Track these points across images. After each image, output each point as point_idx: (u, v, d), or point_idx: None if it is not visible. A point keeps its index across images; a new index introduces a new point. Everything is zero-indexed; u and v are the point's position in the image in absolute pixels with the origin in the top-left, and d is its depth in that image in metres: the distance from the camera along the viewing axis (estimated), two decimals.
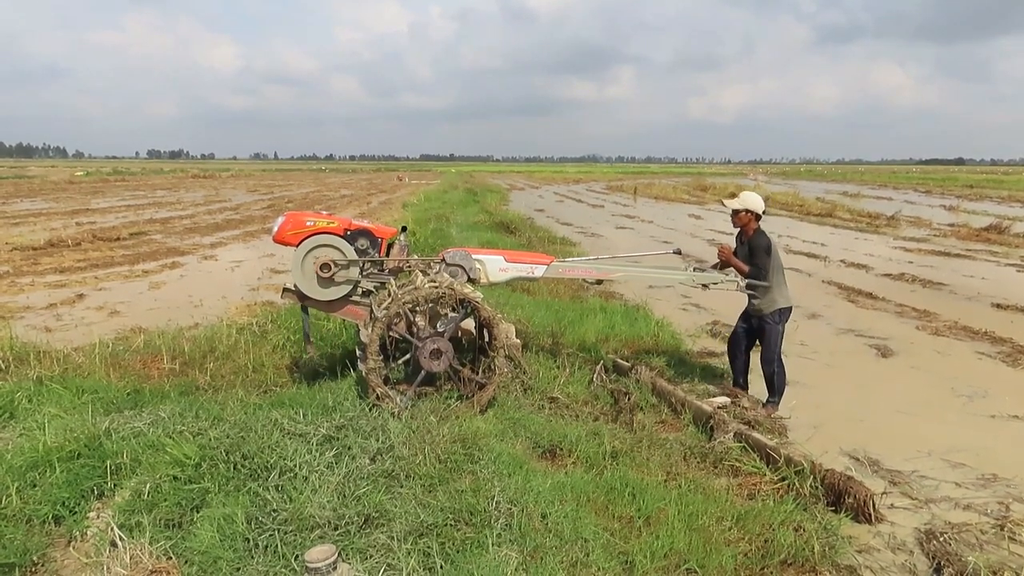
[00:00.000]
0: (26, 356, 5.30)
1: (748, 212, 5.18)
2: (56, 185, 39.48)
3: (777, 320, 5.11)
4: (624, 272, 5.15)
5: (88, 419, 3.76)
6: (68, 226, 16.91)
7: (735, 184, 40.42)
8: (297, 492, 2.99)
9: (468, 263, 4.62)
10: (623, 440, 4.16)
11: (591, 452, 3.92)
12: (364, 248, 4.46)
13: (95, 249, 13.18)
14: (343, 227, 4.45)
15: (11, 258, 11.85)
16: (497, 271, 4.74)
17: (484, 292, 4.75)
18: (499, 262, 4.77)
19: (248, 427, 3.53)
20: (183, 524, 2.91)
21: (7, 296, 8.83)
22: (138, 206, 24.43)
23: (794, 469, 3.75)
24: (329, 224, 4.43)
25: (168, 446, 3.32)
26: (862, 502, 3.48)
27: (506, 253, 4.91)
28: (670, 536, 3.07)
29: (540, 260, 4.83)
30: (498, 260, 4.78)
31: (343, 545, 2.71)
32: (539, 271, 4.77)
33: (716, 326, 7.53)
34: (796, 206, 25.66)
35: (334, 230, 4.41)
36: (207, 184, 44.66)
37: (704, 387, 5.35)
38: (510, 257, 4.85)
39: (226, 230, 17.04)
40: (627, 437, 4.22)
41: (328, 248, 4.37)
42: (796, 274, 11.38)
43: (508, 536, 2.82)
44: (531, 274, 4.78)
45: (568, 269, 4.86)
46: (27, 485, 3.17)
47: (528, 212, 23.39)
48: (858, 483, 3.58)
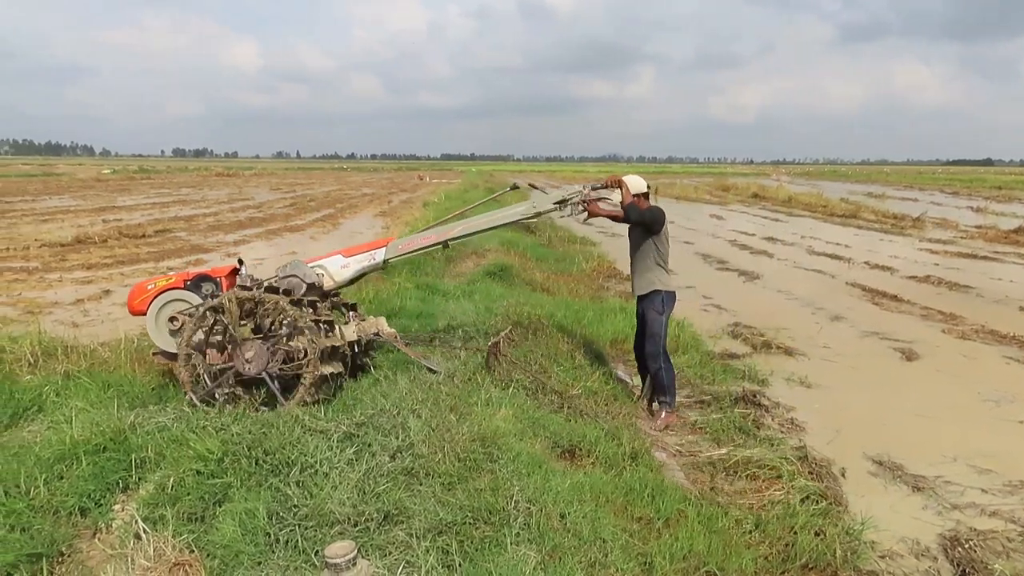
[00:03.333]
0: (54, 351, 5.39)
1: (637, 196, 4.86)
2: (84, 183, 40.13)
3: (660, 309, 4.86)
4: (462, 226, 4.84)
5: (114, 413, 3.81)
6: (95, 223, 17.18)
7: (757, 184, 40.04)
8: (317, 488, 3.02)
9: (302, 271, 4.59)
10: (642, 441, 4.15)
11: (610, 452, 3.91)
12: (209, 292, 4.51)
13: (121, 246, 13.38)
14: (182, 279, 4.56)
15: (40, 254, 12.06)
16: (339, 269, 4.72)
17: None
18: (339, 260, 4.75)
19: (270, 423, 3.56)
20: (205, 518, 2.94)
21: (36, 292, 9.00)
22: (163, 204, 24.76)
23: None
24: (168, 281, 4.56)
25: (191, 441, 3.36)
26: None
27: (344, 251, 4.85)
28: (689, 538, 3.06)
29: (378, 245, 4.79)
30: (337, 259, 4.76)
31: (363, 541, 2.72)
32: (379, 255, 4.71)
33: (738, 327, 7.47)
34: (820, 207, 25.36)
35: (174, 284, 4.52)
36: (231, 182, 45.12)
37: (726, 388, 5.29)
38: (348, 252, 4.80)
39: (249, 228, 17.21)
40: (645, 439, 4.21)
41: (175, 303, 4.45)
42: (819, 275, 11.27)
43: (527, 535, 2.82)
44: (373, 260, 4.70)
45: (408, 243, 4.75)
46: (55, 477, 3.23)
47: None
48: None
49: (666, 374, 4.84)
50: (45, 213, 20.16)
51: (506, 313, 6.46)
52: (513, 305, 6.82)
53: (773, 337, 7.02)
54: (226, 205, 24.75)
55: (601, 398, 4.90)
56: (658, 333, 4.85)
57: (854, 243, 15.33)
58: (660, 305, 4.86)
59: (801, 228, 18.56)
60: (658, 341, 4.85)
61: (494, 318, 6.30)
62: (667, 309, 4.89)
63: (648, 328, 4.88)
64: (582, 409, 4.59)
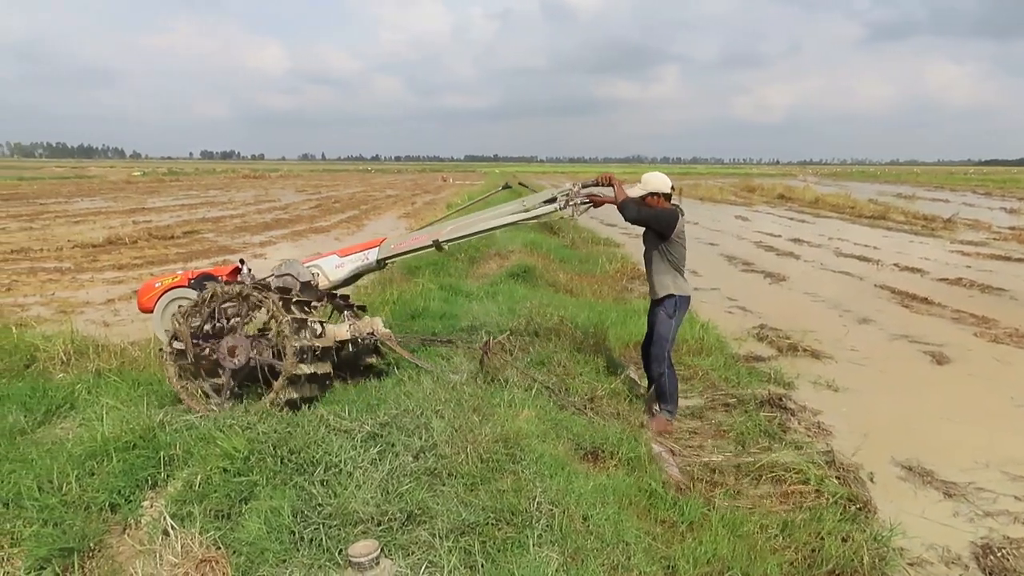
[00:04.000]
0: (86, 349, 5.50)
1: (654, 195, 4.69)
2: (115, 185, 40.92)
3: (671, 312, 4.68)
4: (453, 226, 4.78)
5: (143, 411, 3.88)
6: (125, 224, 17.50)
7: (783, 185, 39.62)
8: (342, 487, 3.04)
9: (296, 269, 4.62)
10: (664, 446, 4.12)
11: (632, 455, 3.89)
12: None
13: (151, 247, 13.61)
14: (187, 278, 4.59)
15: (72, 255, 12.32)
16: (334, 268, 4.72)
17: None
18: (334, 260, 4.75)
19: (295, 423, 3.60)
20: (232, 515, 2.98)
21: (68, 291, 9.19)
22: (191, 205, 25.14)
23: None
24: (174, 279, 4.60)
25: (218, 439, 3.41)
26: None
27: (339, 251, 4.85)
28: (713, 542, 3.03)
29: (371, 245, 4.77)
30: (332, 259, 4.76)
31: (386, 541, 2.74)
32: (373, 255, 4.70)
33: (763, 329, 7.38)
34: (847, 208, 25.01)
35: (179, 283, 4.55)
36: (257, 184, 45.68)
37: (751, 391, 5.24)
38: (343, 252, 4.80)
39: (275, 229, 17.40)
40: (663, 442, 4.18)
41: (179, 300, 4.47)
42: (847, 277, 11.11)
43: (549, 537, 2.81)
44: (366, 260, 4.70)
45: (401, 243, 4.72)
46: (86, 473, 3.29)
47: None
48: None
49: (668, 381, 4.71)
50: (77, 215, 20.58)
51: (529, 314, 6.46)
52: (536, 306, 6.82)
53: (799, 340, 6.93)
54: (252, 207, 25.06)
55: (623, 399, 4.89)
56: (665, 336, 4.71)
57: (883, 245, 15.09)
58: (671, 309, 4.70)
59: (828, 229, 18.30)
60: (664, 344, 4.71)
61: (517, 319, 6.31)
62: (678, 313, 4.74)
63: (655, 330, 4.77)
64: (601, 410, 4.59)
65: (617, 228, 18.44)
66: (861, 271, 11.65)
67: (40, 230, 16.13)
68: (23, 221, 18.26)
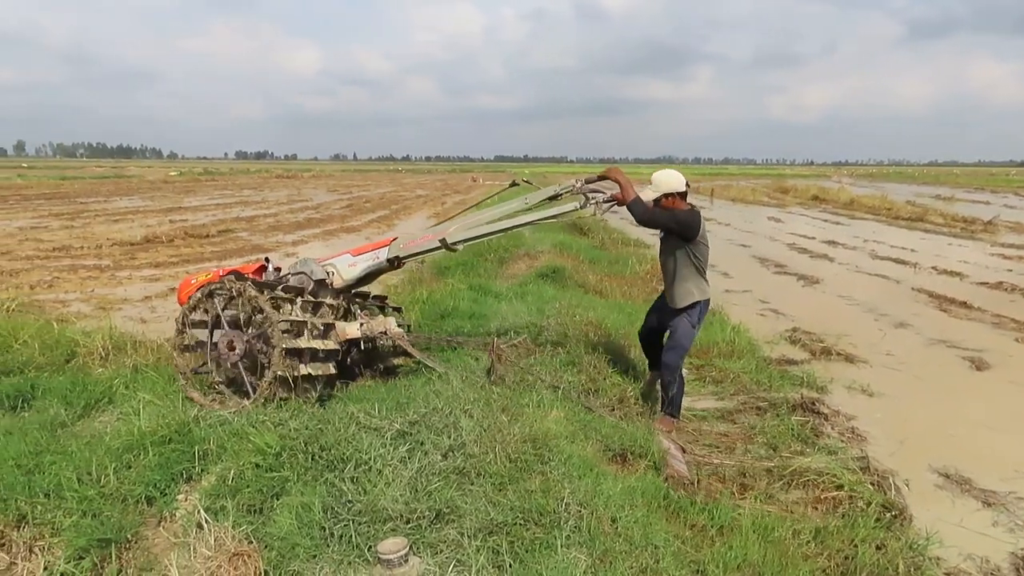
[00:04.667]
0: (124, 345, 5.63)
1: (668, 196, 4.46)
2: (152, 184, 41.78)
3: (695, 321, 4.53)
4: (458, 225, 4.76)
5: (179, 406, 3.95)
6: (162, 223, 17.85)
7: (817, 186, 38.99)
8: (371, 484, 3.06)
9: (310, 268, 4.68)
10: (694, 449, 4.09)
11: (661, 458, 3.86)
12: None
13: (187, 245, 13.87)
14: (218, 275, 4.62)
15: (111, 253, 12.60)
16: (348, 268, 4.74)
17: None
18: (347, 260, 4.77)
19: (326, 420, 3.64)
20: (264, 510, 3.02)
21: (107, 288, 9.41)
22: (226, 205, 25.56)
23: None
24: (207, 276, 4.68)
25: (251, 435, 3.46)
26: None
27: (353, 250, 4.86)
28: (744, 547, 3.00)
29: (383, 244, 4.78)
30: (345, 258, 4.78)
31: (414, 539, 2.76)
32: (383, 254, 4.70)
33: (796, 333, 7.28)
34: (884, 209, 24.53)
35: (212, 279, 4.58)
36: (290, 184, 46.28)
37: (783, 395, 5.16)
38: (356, 252, 4.82)
39: (307, 228, 17.62)
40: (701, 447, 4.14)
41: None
42: (883, 280, 10.90)
43: (577, 538, 2.81)
44: (378, 259, 4.70)
45: (410, 242, 4.69)
46: (123, 466, 3.36)
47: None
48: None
49: (678, 386, 4.55)
50: (116, 213, 21.06)
51: (558, 314, 6.45)
52: (565, 307, 6.81)
53: (833, 343, 6.82)
54: (285, 206, 25.39)
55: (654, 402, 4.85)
56: (684, 346, 4.55)
57: (920, 247, 14.77)
58: (696, 317, 4.53)
59: (864, 231, 17.97)
60: (681, 353, 4.55)
61: (546, 319, 6.30)
62: (701, 320, 4.60)
63: (674, 337, 4.55)
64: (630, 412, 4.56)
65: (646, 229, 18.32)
66: (898, 274, 11.43)
67: (81, 228, 16.53)
68: (64, 219, 18.73)
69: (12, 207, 22.78)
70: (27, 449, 3.44)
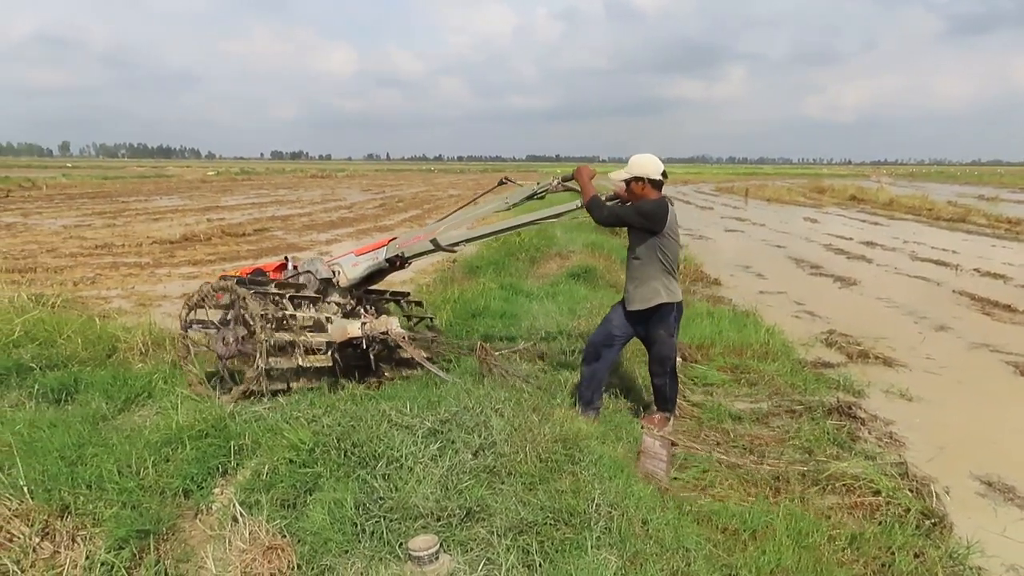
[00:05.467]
0: (162, 341, 5.75)
1: (638, 180, 4.11)
2: (191, 184, 42.64)
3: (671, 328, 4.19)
4: (447, 223, 4.76)
5: (215, 402, 4.03)
6: (200, 222, 18.20)
7: (855, 186, 38.25)
8: (402, 482, 3.09)
9: (316, 267, 4.77)
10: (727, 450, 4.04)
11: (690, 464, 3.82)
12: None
13: (223, 244, 14.12)
14: (245, 273, 4.85)
15: (151, 251, 12.89)
16: (351, 267, 4.78)
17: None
18: (351, 259, 4.82)
19: (358, 417, 3.67)
20: (297, 505, 3.06)
21: (147, 285, 9.62)
22: (261, 204, 25.96)
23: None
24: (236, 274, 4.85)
25: (285, 431, 3.51)
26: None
27: (356, 250, 4.91)
28: (777, 552, 2.95)
29: (382, 245, 4.79)
30: (349, 258, 4.83)
31: (445, 536, 2.77)
32: (382, 254, 4.71)
33: (832, 335, 7.14)
34: (924, 210, 23.97)
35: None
36: (324, 183, 46.84)
37: (818, 398, 5.08)
38: (359, 252, 4.86)
39: (340, 228, 17.81)
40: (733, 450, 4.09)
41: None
42: (923, 282, 10.66)
43: (608, 540, 2.80)
44: (377, 259, 4.71)
45: (404, 242, 4.68)
46: (162, 459, 3.43)
47: None
48: None
49: (670, 387, 4.36)
50: (156, 212, 21.53)
51: (589, 314, 6.43)
52: (597, 307, 6.78)
53: (871, 346, 6.68)
54: (319, 206, 25.70)
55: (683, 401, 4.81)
56: (670, 356, 4.26)
57: (962, 249, 14.40)
58: (671, 322, 4.19)
59: (903, 232, 17.59)
60: (666, 364, 4.26)
61: (577, 319, 6.29)
62: (676, 325, 4.27)
63: (657, 351, 4.24)
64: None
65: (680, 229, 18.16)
66: (938, 276, 11.16)
67: (122, 227, 16.93)
68: (107, 218, 19.21)
69: (57, 206, 23.43)
70: (70, 441, 3.53)
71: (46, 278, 9.66)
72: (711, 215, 24.05)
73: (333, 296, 4.78)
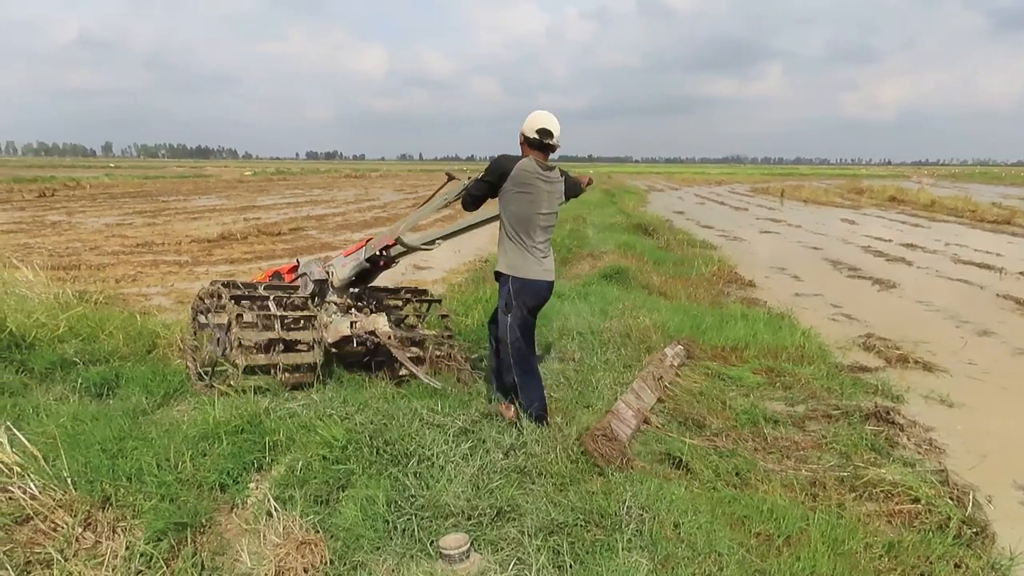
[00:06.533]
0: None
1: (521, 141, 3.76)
2: (228, 184, 43.42)
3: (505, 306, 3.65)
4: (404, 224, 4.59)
5: (251, 398, 4.09)
6: (237, 221, 18.52)
7: (895, 187, 37.43)
8: (434, 480, 3.11)
9: (311, 269, 4.92)
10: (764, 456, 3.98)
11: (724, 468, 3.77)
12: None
13: (259, 243, 14.35)
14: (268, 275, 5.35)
15: (190, 249, 13.15)
16: (341, 268, 4.82)
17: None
18: (341, 260, 4.87)
19: (391, 415, 3.71)
20: (330, 501, 3.10)
21: (185, 283, 9.82)
22: (296, 204, 26.32)
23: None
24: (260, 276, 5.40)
25: (319, 428, 3.56)
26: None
27: (345, 251, 4.97)
28: (812, 559, 2.90)
29: (360, 246, 4.83)
30: (340, 259, 4.89)
31: (475, 535, 2.78)
32: (362, 255, 4.71)
33: (870, 339, 7.00)
34: (967, 212, 23.36)
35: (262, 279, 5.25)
36: (358, 183, 47.31)
37: (856, 403, 4.98)
38: (346, 253, 4.92)
39: (374, 227, 17.97)
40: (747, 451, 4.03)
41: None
42: (965, 286, 10.39)
43: (639, 542, 2.78)
44: (359, 260, 4.72)
45: (376, 243, 4.63)
46: (199, 454, 3.50)
47: (667, 214, 22.92)
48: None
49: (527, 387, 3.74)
50: (195, 211, 21.97)
51: (621, 315, 6.40)
52: (629, 308, 6.74)
53: (910, 351, 6.53)
54: (353, 205, 25.97)
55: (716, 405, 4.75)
56: (505, 339, 3.71)
57: (1007, 252, 13.99)
58: (507, 298, 3.66)
59: (945, 234, 17.16)
60: (507, 349, 3.71)
61: (609, 320, 6.26)
62: (519, 306, 3.65)
63: (497, 329, 3.80)
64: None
65: (714, 230, 17.97)
66: (981, 279, 10.86)
67: (162, 225, 17.31)
68: (147, 217, 19.67)
69: (100, 205, 24.06)
70: (112, 434, 3.62)
71: (89, 275, 9.91)
72: (746, 216, 23.75)
73: (331, 296, 4.89)
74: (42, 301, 5.96)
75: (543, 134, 3.58)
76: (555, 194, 3.69)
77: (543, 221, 3.65)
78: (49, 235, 15.00)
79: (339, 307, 4.86)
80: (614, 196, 30.46)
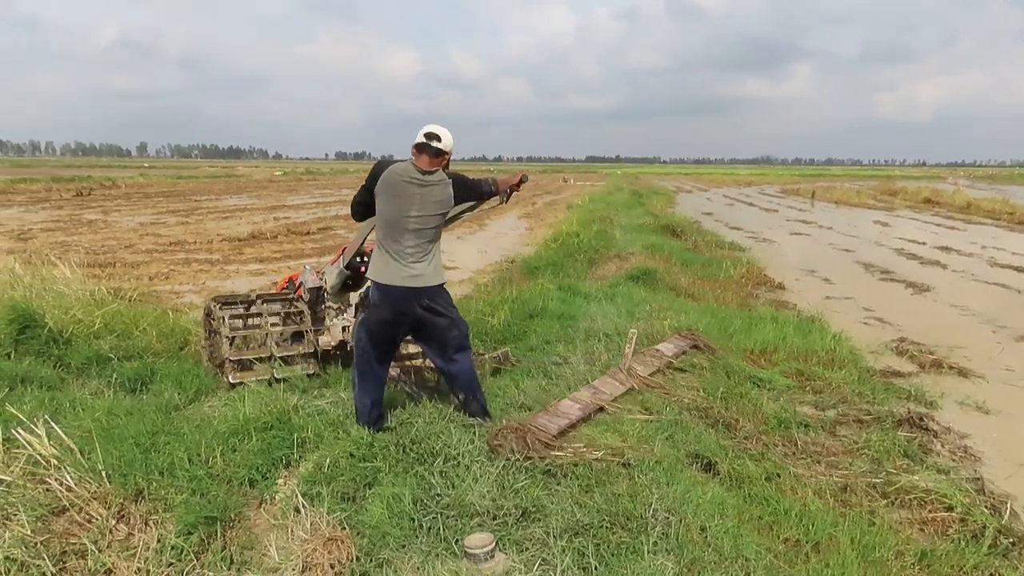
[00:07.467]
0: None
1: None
2: (259, 183, 44.02)
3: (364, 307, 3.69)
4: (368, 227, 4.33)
5: (280, 395, 4.14)
6: (267, 220, 18.77)
7: (929, 188, 36.70)
8: (459, 479, 3.12)
9: (306, 277, 5.09)
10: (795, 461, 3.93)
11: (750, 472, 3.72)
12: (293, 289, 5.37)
13: (289, 242, 14.53)
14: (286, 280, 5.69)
15: (221, 248, 13.36)
16: (330, 275, 4.89)
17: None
18: (330, 268, 4.95)
19: (417, 413, 3.73)
20: (356, 498, 3.13)
21: (217, 281, 9.98)
22: (325, 204, 26.58)
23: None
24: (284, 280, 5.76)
25: (346, 425, 3.59)
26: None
27: (332, 260, 5.02)
28: (842, 566, 2.85)
29: (340, 254, 4.85)
30: (329, 267, 4.97)
31: (500, 535, 2.79)
32: (342, 263, 4.72)
33: (903, 343, 6.87)
34: (1005, 214, 22.82)
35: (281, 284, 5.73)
36: None
37: (888, 409, 4.89)
38: (332, 261, 4.98)
39: None
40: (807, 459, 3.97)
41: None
42: (1003, 290, 10.15)
43: (664, 545, 2.76)
44: (340, 267, 4.74)
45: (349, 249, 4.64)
46: (229, 449, 3.55)
47: (695, 215, 22.73)
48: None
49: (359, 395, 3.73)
50: (226, 211, 22.31)
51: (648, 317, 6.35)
52: (656, 309, 6.70)
53: (945, 356, 6.40)
54: None
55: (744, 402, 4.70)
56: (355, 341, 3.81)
57: None
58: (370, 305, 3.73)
59: (982, 237, 16.79)
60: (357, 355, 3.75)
61: (636, 322, 6.22)
62: (372, 310, 3.66)
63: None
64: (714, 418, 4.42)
65: (743, 232, 17.78)
66: (1020, 283, 10.60)
67: (194, 224, 17.61)
68: (180, 216, 20.03)
69: (135, 204, 24.55)
70: (145, 429, 3.69)
71: (124, 272, 10.12)
72: (775, 217, 23.46)
73: (330, 301, 4.99)
74: (79, 298, 6.09)
75: (429, 136, 3.59)
76: (431, 197, 3.57)
77: (413, 224, 3.54)
78: (86, 233, 15.35)
79: (337, 312, 4.96)
80: (642, 197, 30.28)
